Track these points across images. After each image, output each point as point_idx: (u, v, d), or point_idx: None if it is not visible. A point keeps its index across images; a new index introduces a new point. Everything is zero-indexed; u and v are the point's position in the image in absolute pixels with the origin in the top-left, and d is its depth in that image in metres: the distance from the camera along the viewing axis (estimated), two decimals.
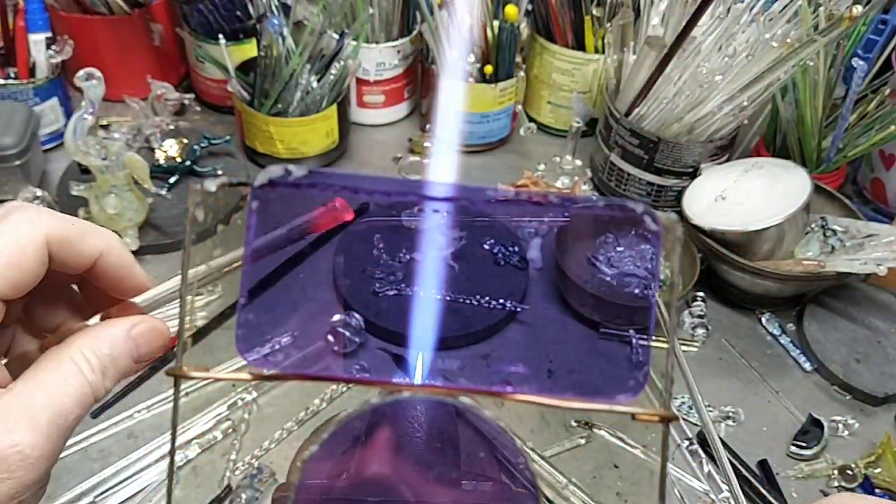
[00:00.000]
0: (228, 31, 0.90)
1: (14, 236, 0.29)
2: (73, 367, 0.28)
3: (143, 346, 0.31)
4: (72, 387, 0.28)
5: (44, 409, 0.27)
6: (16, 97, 0.86)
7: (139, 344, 0.31)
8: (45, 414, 0.27)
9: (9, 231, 0.29)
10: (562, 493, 0.61)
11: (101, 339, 0.30)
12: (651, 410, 0.25)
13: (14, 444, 0.26)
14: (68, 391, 0.28)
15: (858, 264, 0.70)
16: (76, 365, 0.29)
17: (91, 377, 0.29)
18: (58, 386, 0.28)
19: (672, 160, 0.82)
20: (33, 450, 0.26)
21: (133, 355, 0.30)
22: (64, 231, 0.30)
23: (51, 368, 0.28)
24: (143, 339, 0.31)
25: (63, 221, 0.31)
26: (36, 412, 0.27)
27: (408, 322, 0.30)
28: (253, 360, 0.61)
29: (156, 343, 0.31)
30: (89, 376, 0.29)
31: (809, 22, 0.74)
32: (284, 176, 0.25)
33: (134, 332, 0.31)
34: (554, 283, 0.77)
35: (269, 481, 0.61)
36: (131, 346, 0.30)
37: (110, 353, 0.30)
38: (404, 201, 0.81)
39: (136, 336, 0.31)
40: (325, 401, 0.67)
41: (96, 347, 0.29)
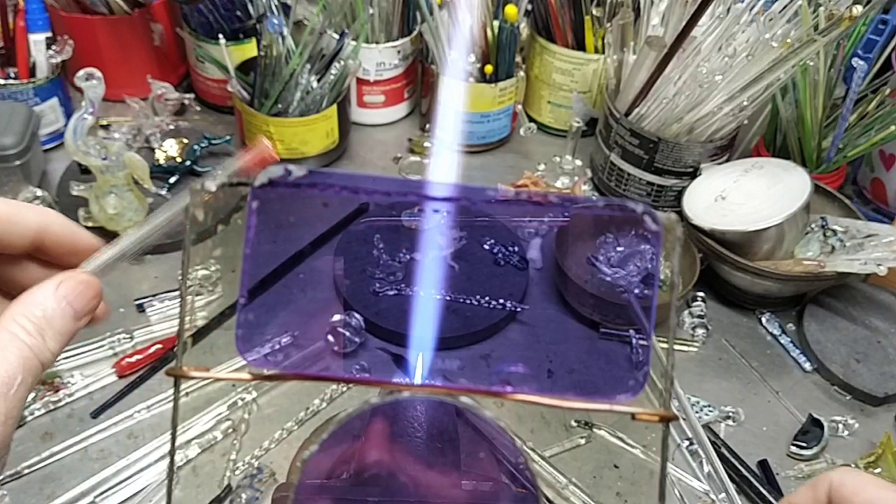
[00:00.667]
0: (228, 31, 0.90)
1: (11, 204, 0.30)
2: (9, 335, 0.29)
3: (75, 302, 0.31)
4: (11, 353, 0.29)
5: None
6: (16, 97, 0.86)
7: (70, 301, 0.31)
8: None
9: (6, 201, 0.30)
10: (562, 493, 0.61)
11: (30, 302, 0.30)
12: (651, 410, 0.25)
13: None
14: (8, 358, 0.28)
15: (858, 264, 0.70)
16: (11, 333, 0.29)
17: (30, 341, 0.29)
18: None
19: (672, 160, 0.82)
20: None
21: (69, 313, 0.31)
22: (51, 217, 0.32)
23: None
24: (73, 295, 0.31)
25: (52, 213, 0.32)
26: None
27: (408, 322, 0.30)
28: (253, 360, 0.61)
29: (86, 295, 0.31)
30: (28, 340, 0.29)
31: (809, 22, 0.74)
32: (284, 176, 0.25)
33: (61, 290, 0.31)
34: (554, 283, 0.77)
35: (269, 481, 0.61)
36: (63, 305, 0.31)
37: (43, 314, 0.30)
38: (404, 201, 0.81)
39: (65, 294, 0.31)
40: (325, 401, 0.67)
41: (27, 311, 0.30)
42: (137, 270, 0.78)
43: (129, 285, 0.76)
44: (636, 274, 0.77)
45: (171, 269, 0.78)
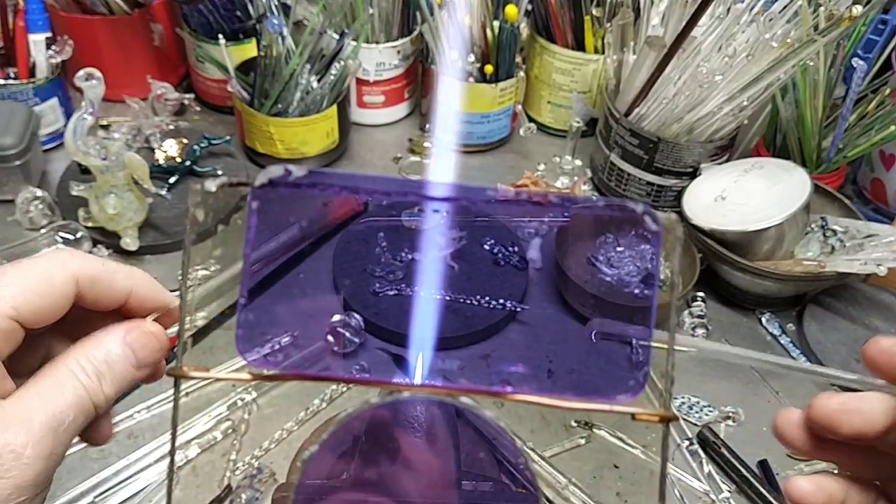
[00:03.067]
0: (228, 31, 0.90)
1: (45, 268, 0.30)
2: (68, 372, 0.29)
3: (139, 351, 0.31)
4: (66, 390, 0.29)
5: (38, 413, 0.28)
6: (16, 97, 0.86)
7: (135, 349, 0.31)
8: (38, 417, 0.28)
9: (41, 264, 0.30)
10: (562, 493, 0.61)
11: (96, 345, 0.31)
12: (651, 410, 0.25)
13: (6, 444, 0.27)
14: (63, 394, 0.29)
15: (858, 264, 0.70)
16: (70, 370, 0.29)
17: (86, 381, 0.29)
18: (52, 390, 0.29)
19: (672, 160, 0.81)
20: (25, 448, 0.27)
21: (131, 361, 0.31)
22: (93, 270, 0.32)
23: (47, 375, 0.29)
24: (138, 344, 0.31)
25: (93, 262, 0.32)
26: (30, 415, 0.28)
27: (408, 322, 0.30)
28: (253, 360, 0.61)
29: (152, 347, 0.32)
30: (84, 381, 0.29)
31: (809, 22, 0.74)
32: (284, 176, 0.25)
33: (129, 337, 0.31)
34: (554, 283, 0.77)
35: (269, 481, 0.61)
36: (127, 352, 0.31)
37: (105, 358, 0.30)
38: (404, 201, 0.81)
39: (131, 342, 0.31)
40: (325, 401, 0.67)
41: (91, 354, 0.30)
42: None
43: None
44: (636, 274, 0.77)
45: (171, 269, 0.78)
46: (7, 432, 0.27)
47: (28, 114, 0.83)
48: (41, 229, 0.79)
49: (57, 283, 0.30)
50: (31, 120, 0.83)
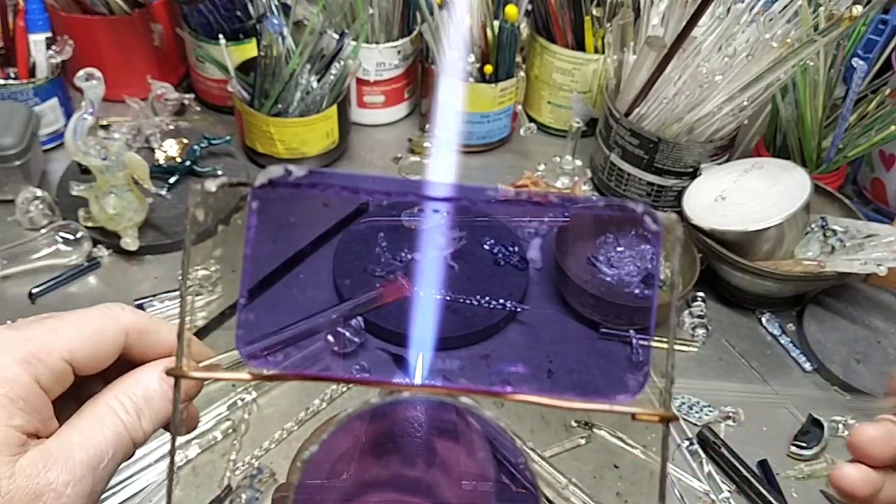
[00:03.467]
0: (228, 31, 0.90)
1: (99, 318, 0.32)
2: (108, 409, 0.30)
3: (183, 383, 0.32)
4: (106, 427, 0.30)
5: (79, 451, 0.29)
6: (16, 97, 0.86)
7: (172, 384, 0.31)
8: (80, 455, 0.29)
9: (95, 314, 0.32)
10: (562, 493, 0.61)
11: (134, 381, 0.31)
12: (651, 410, 0.25)
13: (49, 483, 0.28)
14: (103, 432, 0.30)
15: (858, 264, 0.70)
16: (110, 408, 0.30)
17: (125, 418, 0.30)
18: (93, 428, 0.30)
19: (672, 160, 0.81)
20: (65, 487, 0.28)
21: (168, 396, 0.32)
22: (141, 324, 0.33)
23: (88, 413, 0.30)
24: None
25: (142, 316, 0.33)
26: (72, 454, 0.29)
27: (408, 322, 0.30)
28: (253, 361, 0.61)
29: (189, 383, 0.32)
30: (123, 417, 0.30)
31: (809, 22, 0.74)
32: (284, 176, 0.25)
33: (165, 373, 0.32)
34: (554, 283, 0.77)
35: (269, 481, 0.61)
36: (165, 387, 0.32)
37: (144, 394, 0.31)
38: (404, 201, 0.81)
39: (168, 378, 0.32)
40: (325, 401, 0.67)
41: (129, 391, 0.31)
42: (137, 271, 0.78)
43: (129, 285, 0.76)
44: (636, 274, 0.77)
45: (171, 269, 0.78)
46: (50, 471, 0.28)
47: (28, 114, 0.83)
48: (41, 229, 0.79)
49: (108, 333, 0.31)
50: (31, 120, 0.83)
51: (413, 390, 0.28)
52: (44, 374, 0.29)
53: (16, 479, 0.27)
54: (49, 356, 0.30)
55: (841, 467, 0.35)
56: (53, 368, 0.30)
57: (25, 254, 0.76)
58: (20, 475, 0.27)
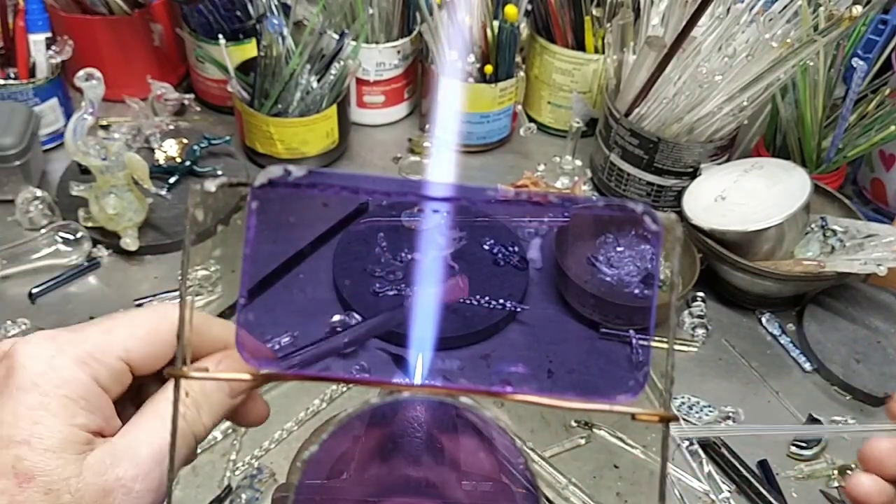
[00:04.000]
0: (228, 31, 0.90)
1: (153, 318, 0.32)
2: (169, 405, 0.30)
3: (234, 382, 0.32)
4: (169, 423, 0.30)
5: (144, 446, 0.29)
6: (16, 97, 0.86)
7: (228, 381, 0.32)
8: (145, 450, 0.29)
9: (149, 314, 0.32)
10: (562, 494, 0.61)
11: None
12: (651, 410, 0.25)
13: (118, 479, 0.28)
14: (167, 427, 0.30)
15: (858, 264, 0.70)
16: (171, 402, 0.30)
17: (186, 413, 0.31)
18: (156, 424, 0.30)
19: (672, 160, 0.82)
20: (134, 482, 0.29)
21: (225, 389, 0.32)
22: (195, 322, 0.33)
23: (149, 410, 0.31)
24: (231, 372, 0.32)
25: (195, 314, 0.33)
26: (138, 450, 0.29)
27: (408, 322, 0.30)
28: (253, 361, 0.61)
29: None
30: (184, 412, 0.31)
31: (809, 22, 0.74)
32: (284, 176, 0.25)
33: (221, 366, 0.32)
34: (554, 283, 0.77)
35: (269, 481, 0.61)
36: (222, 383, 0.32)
37: (201, 388, 0.31)
38: (404, 201, 0.81)
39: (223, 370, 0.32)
40: (325, 401, 0.67)
41: (187, 386, 0.31)
42: (137, 271, 0.78)
43: (129, 285, 0.76)
44: (636, 274, 0.77)
45: (171, 269, 0.78)
46: (118, 467, 0.28)
47: (28, 114, 0.83)
48: (41, 229, 0.79)
49: (163, 331, 0.32)
50: (31, 120, 0.83)
51: (413, 390, 0.28)
52: (102, 374, 0.30)
53: (84, 477, 0.28)
54: (105, 356, 0.30)
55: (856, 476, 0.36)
56: (111, 368, 0.30)
57: (25, 254, 0.76)
58: (88, 472, 0.28)
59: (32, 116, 0.84)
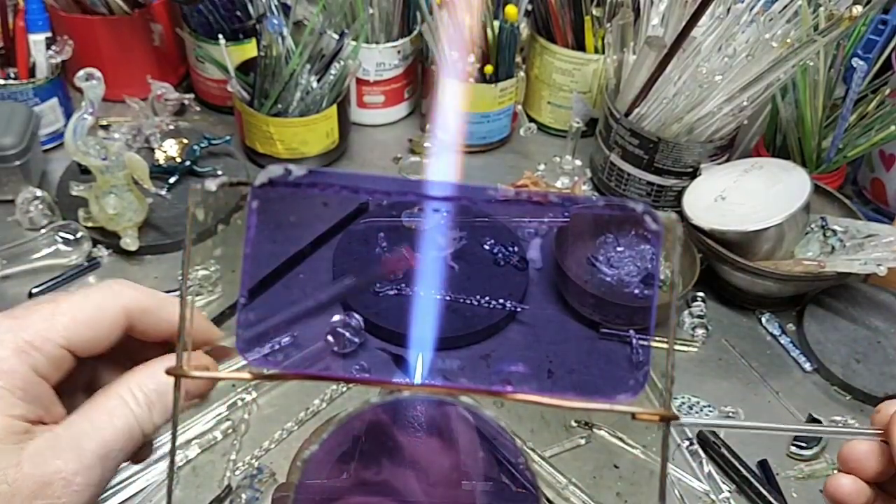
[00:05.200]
0: (228, 31, 0.90)
1: (98, 299, 0.31)
2: (119, 401, 0.30)
3: (189, 383, 0.32)
4: (117, 419, 0.30)
5: (89, 441, 0.29)
6: (16, 97, 0.86)
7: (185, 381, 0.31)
8: (90, 445, 0.29)
9: (94, 295, 0.31)
10: (562, 493, 0.61)
11: (147, 375, 0.31)
12: (651, 410, 0.25)
13: (58, 471, 0.28)
14: (114, 423, 0.29)
15: (858, 264, 0.70)
16: (122, 399, 0.30)
17: (137, 411, 0.30)
18: (104, 419, 0.29)
19: (672, 160, 0.82)
20: (75, 476, 0.28)
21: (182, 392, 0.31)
22: (143, 302, 0.32)
23: (99, 403, 0.30)
24: None
25: (144, 294, 0.33)
26: (82, 443, 0.29)
27: (408, 322, 0.30)
28: (253, 360, 0.61)
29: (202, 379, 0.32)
30: (135, 410, 0.30)
31: (809, 22, 0.74)
32: (284, 176, 0.25)
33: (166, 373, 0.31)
34: (554, 283, 0.77)
35: (269, 481, 0.61)
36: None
37: (156, 388, 0.31)
38: (404, 201, 0.81)
39: None
40: (325, 401, 0.67)
41: (142, 383, 0.31)
42: (137, 270, 0.78)
43: None
44: (636, 274, 0.77)
45: (171, 269, 0.78)
46: (59, 459, 0.28)
47: (28, 114, 0.83)
48: (41, 229, 0.79)
49: (108, 314, 0.31)
50: (31, 120, 0.83)
51: (413, 390, 0.28)
52: (41, 363, 0.29)
53: (23, 468, 0.27)
54: (45, 344, 0.29)
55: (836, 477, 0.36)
56: (50, 355, 0.30)
57: (25, 254, 0.76)
58: (27, 463, 0.27)
59: (32, 116, 0.84)
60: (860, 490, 0.36)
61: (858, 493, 0.36)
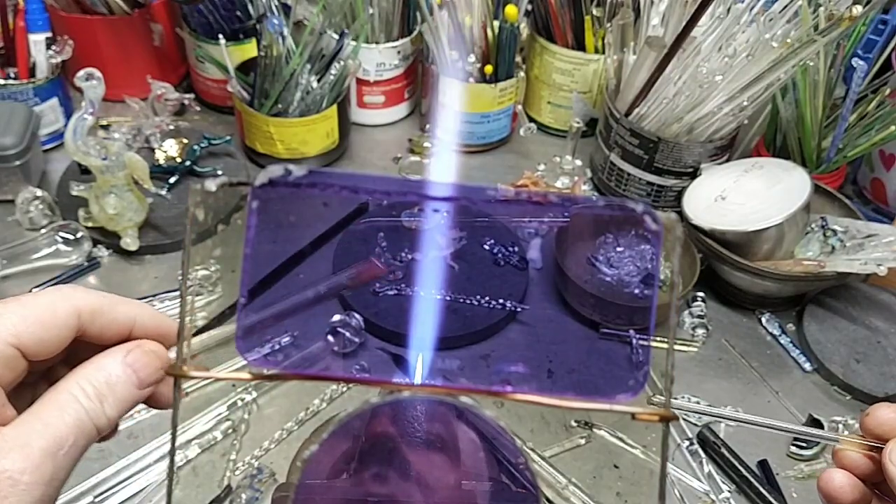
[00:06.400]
0: (228, 31, 0.90)
1: (48, 300, 0.31)
2: (69, 396, 0.29)
3: (140, 371, 0.31)
4: (67, 415, 0.29)
5: (38, 438, 0.28)
6: (16, 97, 0.86)
7: (136, 369, 0.31)
8: (38, 442, 0.28)
9: (43, 297, 0.31)
10: (562, 493, 0.61)
11: (96, 367, 0.31)
12: (651, 410, 0.25)
13: (4, 471, 0.27)
14: (64, 419, 0.29)
15: (858, 264, 0.70)
16: (71, 394, 0.29)
17: (88, 404, 0.29)
18: (53, 415, 0.29)
19: (672, 160, 0.82)
20: (22, 475, 0.27)
21: (133, 381, 0.31)
22: (95, 303, 0.32)
23: (48, 400, 0.29)
24: (140, 364, 0.31)
25: (95, 295, 0.32)
26: (30, 440, 0.28)
27: (408, 322, 0.30)
28: (253, 360, 0.61)
29: (153, 366, 0.32)
30: (85, 404, 0.29)
31: (809, 22, 0.74)
32: (284, 176, 0.25)
33: (129, 358, 0.31)
34: (554, 283, 0.77)
35: (269, 481, 0.61)
36: (129, 373, 0.31)
37: (106, 380, 0.30)
38: (404, 201, 0.81)
39: (131, 362, 0.31)
40: (325, 401, 0.67)
41: (91, 376, 0.30)
42: (137, 271, 0.78)
43: (129, 285, 0.76)
44: (636, 274, 0.77)
45: (171, 269, 0.78)
46: (5, 459, 0.27)
47: (28, 114, 0.83)
48: (41, 229, 0.79)
49: (59, 314, 0.31)
50: (31, 120, 0.83)
51: (413, 390, 0.28)
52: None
53: None
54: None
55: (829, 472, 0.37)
56: (1, 355, 0.29)
57: (25, 254, 0.76)
58: None
59: (32, 116, 0.84)
60: (853, 485, 0.36)
61: (852, 488, 0.36)
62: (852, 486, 0.36)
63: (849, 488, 0.36)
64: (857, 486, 0.36)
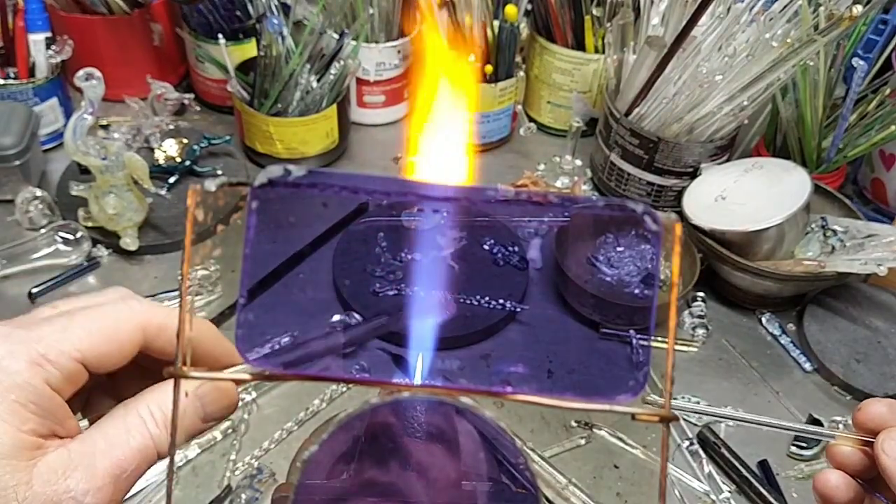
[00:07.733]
0: (228, 31, 0.90)
1: (113, 315, 0.30)
2: (138, 419, 0.29)
3: (208, 406, 0.31)
4: (133, 439, 0.29)
5: (102, 458, 0.28)
6: (16, 97, 0.86)
7: (205, 403, 0.31)
8: (103, 463, 0.28)
9: (110, 311, 0.31)
10: (562, 494, 0.61)
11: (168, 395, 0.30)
12: (651, 410, 0.25)
13: (68, 491, 0.27)
14: (129, 443, 0.29)
15: (858, 264, 0.70)
16: (140, 418, 0.29)
17: (155, 431, 0.29)
18: (120, 437, 0.29)
19: (672, 160, 0.81)
20: (85, 496, 0.27)
21: (199, 414, 0.31)
22: (160, 319, 0.32)
23: (117, 420, 0.29)
24: (209, 398, 0.31)
25: (161, 311, 0.32)
26: (95, 461, 0.28)
27: (407, 322, 0.30)
28: (253, 360, 0.61)
29: (221, 403, 0.31)
30: (153, 430, 0.29)
31: (809, 22, 0.74)
32: (284, 176, 0.25)
33: (200, 390, 0.31)
34: (554, 283, 0.77)
35: (269, 481, 0.61)
36: (197, 405, 0.31)
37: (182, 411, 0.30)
38: (404, 201, 0.81)
39: (201, 395, 0.31)
40: (325, 401, 0.67)
41: (162, 403, 0.30)
42: (137, 270, 0.78)
43: (129, 285, 0.75)
44: (636, 274, 0.77)
45: (171, 269, 0.78)
46: (70, 479, 0.27)
47: (28, 114, 0.83)
48: (41, 229, 0.79)
49: (124, 331, 0.30)
50: (31, 120, 0.83)
51: (413, 390, 0.28)
52: (54, 376, 0.28)
53: (33, 486, 0.27)
54: (60, 357, 0.29)
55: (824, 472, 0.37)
56: (65, 369, 0.29)
57: (25, 254, 0.76)
58: (38, 481, 0.27)
59: (32, 116, 0.83)
60: (847, 485, 0.36)
61: (847, 488, 0.36)
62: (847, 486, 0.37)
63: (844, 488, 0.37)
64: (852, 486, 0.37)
